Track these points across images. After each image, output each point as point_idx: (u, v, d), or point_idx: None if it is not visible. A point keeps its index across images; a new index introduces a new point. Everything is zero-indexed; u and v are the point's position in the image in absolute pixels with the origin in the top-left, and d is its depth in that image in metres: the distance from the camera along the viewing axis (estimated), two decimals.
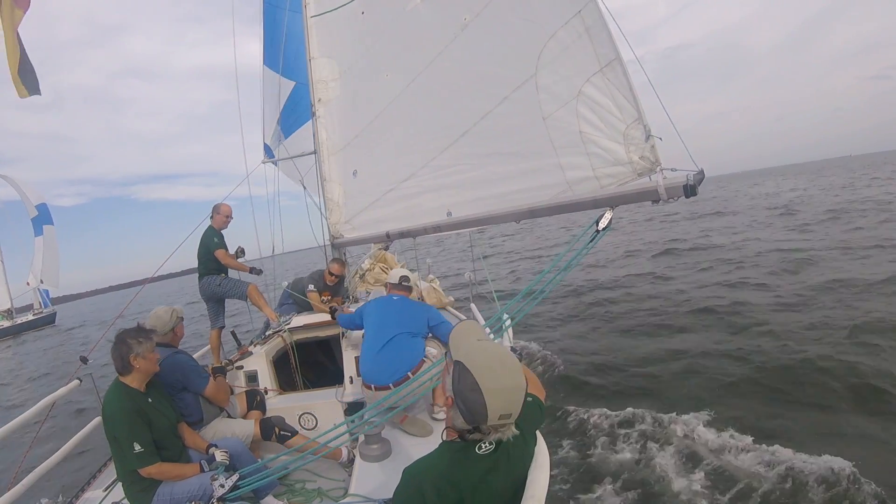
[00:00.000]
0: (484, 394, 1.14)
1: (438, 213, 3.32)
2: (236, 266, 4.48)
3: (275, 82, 6.21)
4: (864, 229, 11.67)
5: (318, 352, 4.65)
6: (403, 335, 2.79)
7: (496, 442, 1.24)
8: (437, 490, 1.19)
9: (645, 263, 11.65)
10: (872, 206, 15.76)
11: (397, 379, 2.63)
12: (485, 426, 1.17)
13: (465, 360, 1.19)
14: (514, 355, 2.12)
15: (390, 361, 2.69)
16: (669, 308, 7.27)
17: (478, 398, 1.15)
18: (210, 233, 4.44)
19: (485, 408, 1.14)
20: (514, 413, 1.17)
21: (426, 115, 3.39)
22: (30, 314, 31.61)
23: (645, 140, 2.16)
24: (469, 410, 1.17)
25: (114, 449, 2.24)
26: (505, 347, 1.38)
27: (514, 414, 1.17)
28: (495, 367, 1.19)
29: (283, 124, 6.33)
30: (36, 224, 29.01)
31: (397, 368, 2.66)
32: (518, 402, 1.18)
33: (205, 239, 4.42)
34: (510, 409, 1.16)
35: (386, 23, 3.70)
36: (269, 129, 6.60)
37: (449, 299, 5.23)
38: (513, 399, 1.17)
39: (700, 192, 1.96)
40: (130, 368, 2.30)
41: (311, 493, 2.80)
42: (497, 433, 1.19)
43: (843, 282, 7.13)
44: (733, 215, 19.24)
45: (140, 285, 5.13)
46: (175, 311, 2.95)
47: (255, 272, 4.61)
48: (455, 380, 1.20)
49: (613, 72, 2.16)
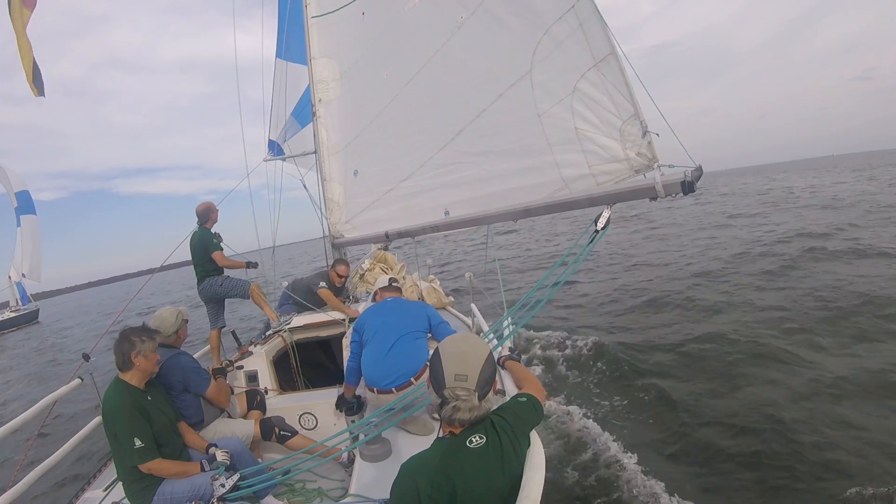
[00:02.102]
0: (441, 357, 1.35)
1: (436, 212, 3.31)
2: (233, 265, 4.45)
3: (293, 74, 6.06)
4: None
5: (319, 352, 4.66)
6: (407, 337, 2.74)
7: (486, 436, 1.31)
8: (430, 482, 1.24)
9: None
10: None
11: (400, 384, 2.61)
12: (445, 391, 1.30)
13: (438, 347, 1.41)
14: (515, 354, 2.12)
15: (394, 365, 2.66)
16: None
17: (437, 363, 1.35)
18: (207, 234, 4.37)
19: (441, 369, 1.32)
20: (468, 375, 1.30)
21: (424, 114, 3.39)
22: (6, 311, 30.32)
23: (641, 136, 2.14)
24: (433, 378, 1.34)
25: (113, 446, 2.26)
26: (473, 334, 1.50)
27: (469, 376, 1.30)
28: (456, 338, 1.46)
29: (300, 115, 6.20)
30: (17, 215, 27.10)
31: (401, 373, 2.63)
32: (472, 366, 1.32)
33: (203, 241, 4.34)
34: (465, 371, 1.31)
35: (386, 23, 3.71)
36: (278, 124, 6.51)
37: (449, 299, 5.23)
38: (467, 361, 1.33)
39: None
40: (131, 365, 2.32)
41: (311, 493, 2.80)
42: (457, 399, 1.30)
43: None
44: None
45: (127, 279, 5.16)
46: (180, 313, 2.94)
47: (251, 266, 4.56)
48: (430, 367, 1.38)
49: (608, 67, 2.14)
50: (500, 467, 1.29)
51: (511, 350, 2.36)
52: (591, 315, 7.65)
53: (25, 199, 27.13)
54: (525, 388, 1.74)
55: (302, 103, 6.10)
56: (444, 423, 1.35)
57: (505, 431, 1.35)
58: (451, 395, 1.30)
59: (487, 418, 1.38)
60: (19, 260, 27.57)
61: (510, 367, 2.15)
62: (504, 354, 2.27)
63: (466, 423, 1.33)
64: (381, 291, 3.19)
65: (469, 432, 1.32)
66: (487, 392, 1.33)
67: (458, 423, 1.33)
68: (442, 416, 1.33)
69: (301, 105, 6.13)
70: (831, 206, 16.12)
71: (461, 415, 1.30)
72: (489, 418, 1.38)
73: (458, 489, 1.22)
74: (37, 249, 27.89)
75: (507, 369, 2.18)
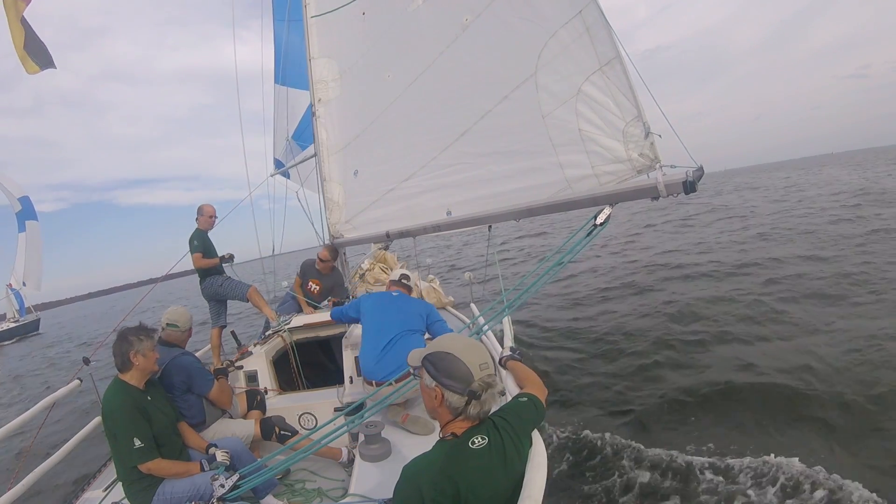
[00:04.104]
0: (456, 355, 1.30)
1: (438, 212, 3.32)
2: (208, 264, 4.46)
3: (291, 98, 6.33)
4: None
5: (318, 352, 4.65)
6: (405, 333, 2.85)
7: (488, 437, 1.30)
8: (433, 485, 1.22)
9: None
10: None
11: (398, 376, 2.65)
12: (475, 384, 1.27)
13: (427, 353, 1.37)
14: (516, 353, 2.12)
15: (392, 359, 2.74)
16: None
17: (454, 360, 1.29)
18: (192, 236, 4.46)
19: (465, 364, 1.28)
20: (488, 361, 1.31)
21: (427, 115, 3.40)
22: (5, 322, 29.02)
23: (644, 137, 2.16)
24: (455, 378, 1.29)
25: (113, 447, 2.24)
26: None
27: (489, 362, 1.31)
28: (452, 337, 1.44)
29: (299, 138, 6.44)
30: (19, 220, 25.59)
31: (399, 366, 2.68)
32: (485, 353, 1.33)
33: (189, 243, 4.46)
34: (485, 358, 1.31)
35: (387, 23, 3.71)
36: (280, 144, 6.80)
37: (449, 299, 5.24)
38: (478, 350, 1.33)
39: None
40: (130, 365, 2.31)
41: (311, 493, 2.80)
42: (490, 388, 1.29)
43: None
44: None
45: (126, 289, 5.21)
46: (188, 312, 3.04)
47: (225, 261, 4.58)
48: (430, 372, 1.33)
49: (613, 70, 2.17)
50: (502, 468, 1.29)
51: (512, 349, 2.37)
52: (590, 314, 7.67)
53: (27, 205, 25.76)
54: (527, 388, 1.74)
55: (301, 127, 6.34)
56: (470, 419, 1.32)
57: (507, 432, 1.34)
58: (482, 385, 1.28)
59: (489, 419, 1.37)
60: (20, 267, 26.22)
61: (512, 366, 2.15)
62: (505, 354, 2.27)
63: (483, 417, 1.33)
64: (391, 283, 3.30)
65: (471, 433, 1.31)
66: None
67: (482, 416, 1.33)
68: (469, 415, 1.30)
69: (301, 128, 6.36)
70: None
71: (488, 405, 1.31)
72: (490, 419, 1.38)
73: (461, 491, 1.21)
74: (38, 257, 26.56)
75: (509, 369, 2.18)
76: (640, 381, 4.87)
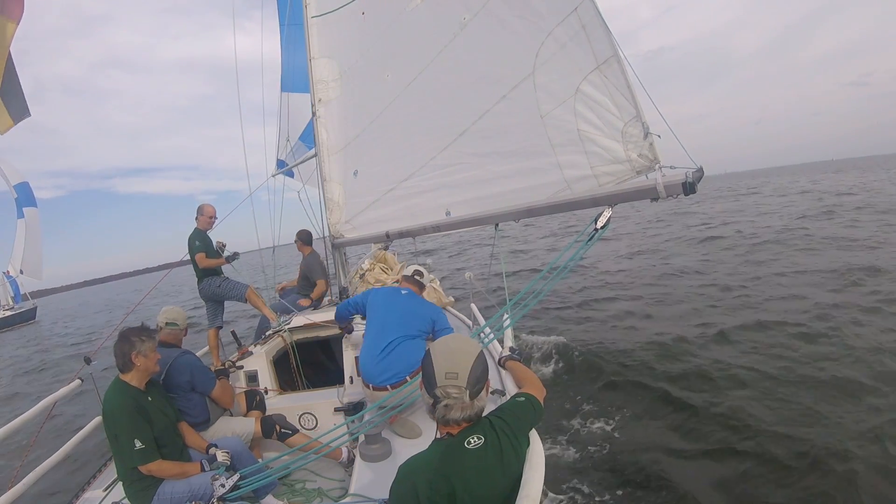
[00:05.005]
0: (432, 356, 1.33)
1: (438, 212, 3.32)
2: (214, 264, 4.47)
3: (299, 102, 6.32)
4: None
5: (319, 352, 4.65)
6: (404, 339, 2.77)
7: (485, 436, 1.30)
8: (429, 484, 1.23)
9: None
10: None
11: (395, 382, 2.64)
12: (438, 389, 1.28)
13: (429, 347, 1.40)
14: (515, 354, 2.12)
15: (390, 364, 2.70)
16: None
17: (428, 363, 1.33)
18: (192, 236, 4.44)
19: (432, 368, 1.30)
20: (459, 372, 1.28)
21: (426, 115, 3.40)
22: (0, 310, 28.00)
23: (643, 138, 2.15)
24: (425, 378, 1.33)
25: (114, 447, 2.25)
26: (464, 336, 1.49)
27: (459, 374, 1.28)
28: (446, 338, 1.46)
29: (307, 139, 6.45)
30: (20, 205, 24.38)
31: (396, 372, 2.66)
32: (462, 363, 1.30)
33: (189, 242, 4.44)
34: (455, 368, 1.29)
35: (386, 23, 3.71)
36: (285, 146, 6.90)
37: (449, 299, 5.24)
38: (457, 359, 1.31)
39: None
40: (131, 366, 2.31)
41: (311, 493, 2.80)
42: (447, 397, 1.28)
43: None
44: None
45: (123, 278, 5.24)
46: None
47: (230, 260, 4.59)
48: (423, 367, 1.36)
49: (611, 69, 2.15)
50: (499, 468, 1.28)
51: (512, 350, 2.37)
52: (591, 315, 7.66)
53: (26, 191, 24.56)
54: (525, 388, 1.74)
55: (309, 129, 6.35)
56: (439, 423, 1.34)
57: (504, 432, 1.34)
58: (442, 394, 1.27)
59: (486, 419, 1.37)
60: (18, 255, 25.08)
61: (511, 366, 2.16)
62: (504, 355, 2.28)
63: (460, 422, 1.30)
64: (404, 279, 3.21)
65: (467, 433, 1.30)
66: (479, 391, 1.30)
67: (452, 423, 1.30)
68: (435, 417, 1.32)
69: (308, 130, 6.36)
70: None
71: (453, 413, 1.28)
72: (487, 419, 1.37)
73: (457, 491, 1.21)
74: (37, 245, 25.42)
75: (508, 369, 2.19)
76: (643, 380, 4.87)
